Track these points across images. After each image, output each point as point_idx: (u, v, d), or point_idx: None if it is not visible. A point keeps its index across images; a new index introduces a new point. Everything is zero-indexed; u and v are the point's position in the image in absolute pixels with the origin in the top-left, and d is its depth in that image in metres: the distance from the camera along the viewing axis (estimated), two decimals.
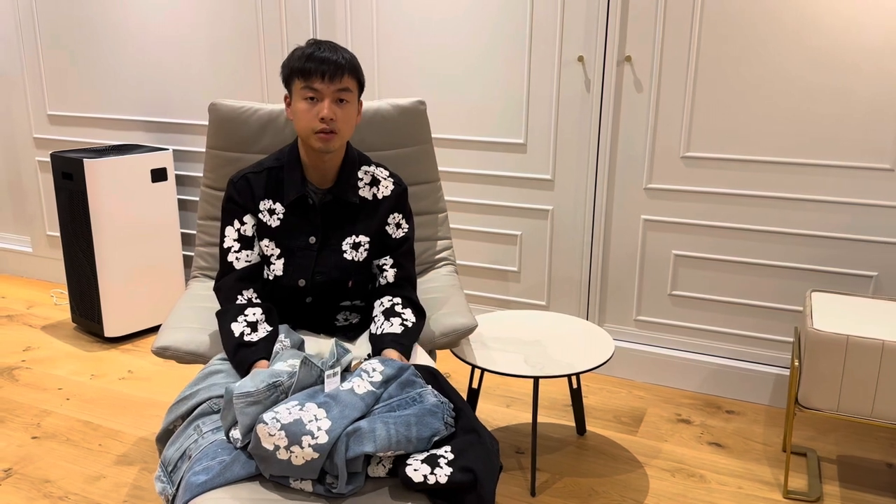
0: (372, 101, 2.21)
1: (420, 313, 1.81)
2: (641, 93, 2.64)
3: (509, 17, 2.77)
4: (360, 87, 1.76)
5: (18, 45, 3.74)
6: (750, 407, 2.67)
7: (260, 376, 1.46)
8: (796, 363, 2.08)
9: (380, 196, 1.84)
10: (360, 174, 1.84)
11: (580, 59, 2.69)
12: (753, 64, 2.47)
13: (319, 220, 1.79)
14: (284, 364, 1.52)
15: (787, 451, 2.12)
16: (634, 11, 2.58)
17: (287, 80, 1.73)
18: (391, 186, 1.86)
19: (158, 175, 3.27)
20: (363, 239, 1.82)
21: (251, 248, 1.79)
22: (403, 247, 1.86)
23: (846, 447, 2.41)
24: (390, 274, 1.84)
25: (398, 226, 1.86)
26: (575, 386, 2.39)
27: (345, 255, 1.80)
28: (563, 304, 2.95)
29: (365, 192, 1.84)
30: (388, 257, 1.85)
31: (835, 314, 2.12)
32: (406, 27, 2.94)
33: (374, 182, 1.85)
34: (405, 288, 1.84)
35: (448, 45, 2.89)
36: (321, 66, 1.66)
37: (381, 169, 1.87)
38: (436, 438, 1.41)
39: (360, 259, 1.81)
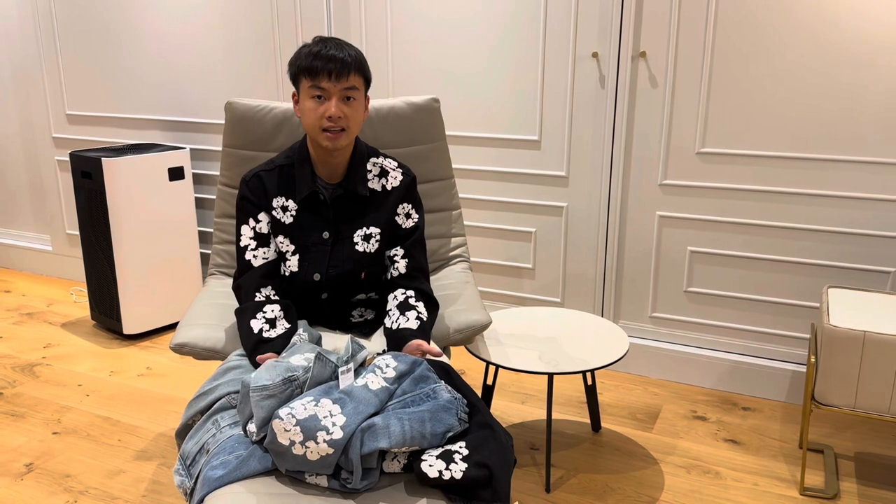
0: (386, 98, 2.22)
1: (433, 305, 1.82)
2: (656, 88, 2.63)
3: (523, 13, 2.77)
4: (367, 83, 1.77)
5: (37, 45, 3.79)
6: (766, 403, 2.66)
7: (276, 370, 1.48)
8: (813, 360, 2.07)
9: (389, 187, 1.86)
10: (368, 166, 1.85)
11: (594, 55, 2.69)
12: (769, 58, 2.46)
13: (331, 214, 1.81)
14: (301, 357, 1.54)
15: (803, 447, 2.11)
16: (649, 6, 2.58)
17: (294, 78, 1.74)
18: (399, 177, 1.87)
19: (176, 174, 3.30)
20: (374, 230, 1.83)
21: (267, 245, 1.81)
22: (413, 236, 1.87)
23: (863, 444, 2.40)
24: (401, 265, 1.84)
25: (408, 216, 1.87)
26: (590, 383, 2.39)
27: (356, 247, 1.81)
28: (577, 301, 2.95)
29: (374, 184, 1.85)
30: (398, 248, 1.86)
31: (852, 310, 2.10)
32: (420, 25, 2.94)
33: (383, 173, 1.86)
34: (417, 279, 1.85)
35: (462, 42, 2.90)
36: (328, 65, 1.67)
37: (390, 160, 1.89)
38: (450, 434, 1.42)
39: (372, 250, 1.83)
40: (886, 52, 2.31)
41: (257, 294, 1.76)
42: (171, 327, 3.40)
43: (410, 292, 1.81)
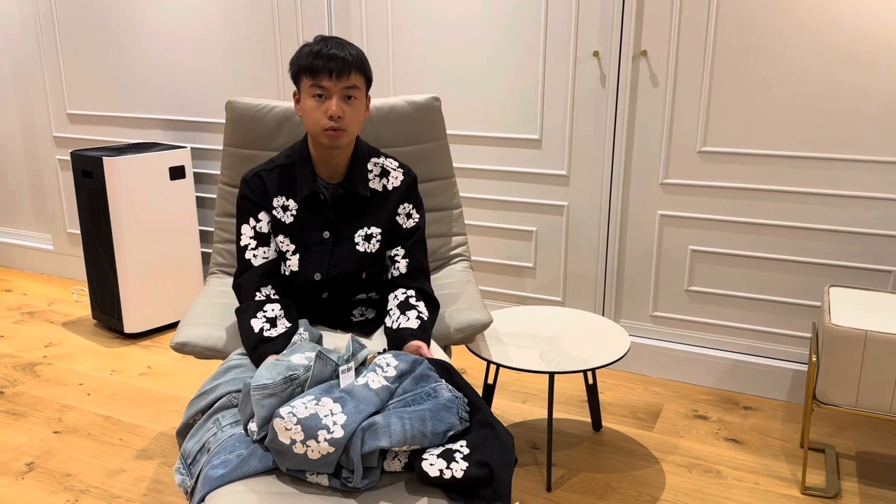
0: (387, 97, 2.22)
1: (433, 305, 1.82)
2: (657, 87, 2.63)
3: (524, 12, 2.77)
4: (368, 82, 1.76)
5: (38, 45, 3.79)
6: (767, 403, 2.66)
7: (277, 368, 1.48)
8: (814, 359, 2.07)
9: (390, 187, 1.85)
10: (369, 166, 1.85)
11: (595, 53, 2.68)
12: (770, 57, 2.45)
13: (332, 214, 1.81)
14: (301, 356, 1.54)
15: (804, 447, 2.11)
16: (650, 6, 2.57)
17: (295, 77, 1.74)
18: (400, 177, 1.86)
19: (177, 173, 3.30)
20: (375, 230, 1.82)
21: (267, 244, 1.81)
22: (414, 237, 1.86)
23: (865, 443, 2.39)
24: (402, 264, 1.84)
25: (408, 216, 1.87)
26: (591, 382, 2.39)
27: (357, 247, 1.81)
28: (578, 300, 2.95)
29: (375, 184, 1.85)
30: (399, 248, 1.85)
31: (853, 309, 2.10)
32: (421, 23, 2.94)
33: (384, 173, 1.86)
34: (418, 279, 1.84)
35: (463, 42, 2.89)
36: (329, 64, 1.66)
37: (391, 160, 1.88)
38: (451, 433, 1.41)
39: (373, 250, 1.82)
40: (887, 51, 2.31)
41: (257, 293, 1.76)
42: (172, 326, 3.40)
43: (411, 292, 1.81)
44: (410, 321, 1.74)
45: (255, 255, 1.79)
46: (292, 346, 1.64)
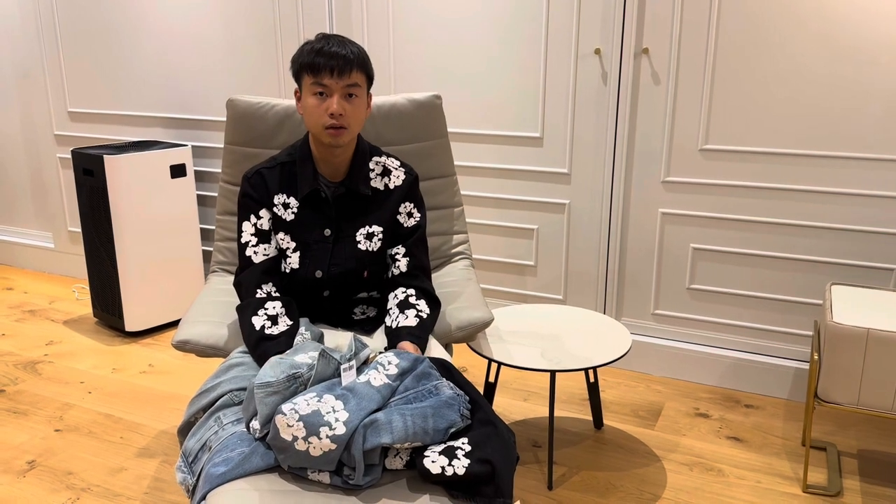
0: (388, 95, 2.22)
1: (434, 303, 1.82)
2: (659, 85, 2.63)
3: (525, 10, 2.76)
4: (369, 80, 1.76)
5: (39, 43, 3.79)
6: (769, 401, 2.65)
7: (280, 366, 1.48)
8: (816, 357, 2.07)
9: (391, 186, 1.85)
10: (371, 165, 1.85)
11: (597, 51, 2.68)
12: (771, 55, 2.45)
13: (333, 212, 1.81)
14: (305, 355, 1.54)
15: (806, 445, 2.11)
16: (651, 3, 2.57)
17: (297, 74, 1.74)
18: (402, 176, 1.86)
19: (177, 171, 3.30)
20: (376, 229, 1.82)
21: (268, 241, 1.81)
22: (415, 235, 1.86)
23: (866, 441, 2.39)
24: (403, 263, 1.84)
25: (409, 215, 1.87)
26: (592, 380, 2.39)
27: (359, 246, 1.81)
28: (580, 298, 2.95)
29: (377, 183, 1.85)
30: (400, 247, 1.85)
31: (855, 307, 2.10)
32: (422, 21, 2.94)
33: (386, 172, 1.86)
34: (418, 278, 1.84)
35: (464, 39, 2.89)
36: (330, 62, 1.66)
37: (392, 159, 1.88)
38: (452, 430, 1.41)
39: (375, 249, 1.82)
40: (889, 49, 2.30)
41: (258, 291, 1.76)
42: (174, 324, 3.40)
43: (411, 291, 1.81)
44: (409, 320, 1.74)
45: (255, 252, 1.79)
46: (295, 346, 1.64)
